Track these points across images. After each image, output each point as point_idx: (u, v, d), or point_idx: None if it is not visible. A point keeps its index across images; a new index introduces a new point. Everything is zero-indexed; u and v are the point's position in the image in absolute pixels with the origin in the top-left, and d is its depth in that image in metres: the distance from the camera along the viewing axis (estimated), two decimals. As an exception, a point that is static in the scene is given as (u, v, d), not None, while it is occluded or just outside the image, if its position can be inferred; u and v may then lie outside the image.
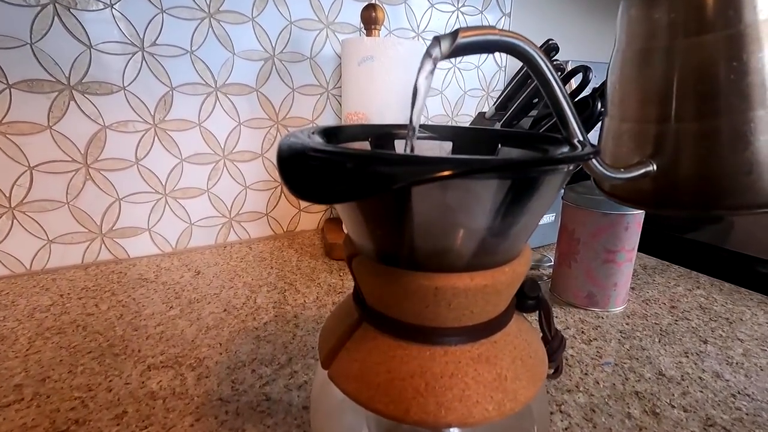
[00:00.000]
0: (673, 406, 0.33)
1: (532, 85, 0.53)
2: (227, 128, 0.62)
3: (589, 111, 0.51)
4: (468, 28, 0.20)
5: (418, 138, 0.26)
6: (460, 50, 0.20)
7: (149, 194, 0.59)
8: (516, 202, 0.16)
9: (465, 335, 0.19)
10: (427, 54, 0.20)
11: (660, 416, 0.32)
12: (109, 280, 0.53)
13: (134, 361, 0.38)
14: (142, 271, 0.56)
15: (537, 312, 0.23)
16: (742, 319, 0.46)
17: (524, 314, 0.23)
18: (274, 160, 0.67)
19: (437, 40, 0.20)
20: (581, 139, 0.23)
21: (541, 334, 0.24)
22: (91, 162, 0.55)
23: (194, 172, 0.62)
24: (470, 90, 0.82)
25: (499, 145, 0.24)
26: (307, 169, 0.14)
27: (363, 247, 0.19)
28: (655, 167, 0.31)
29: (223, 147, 0.63)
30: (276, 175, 0.68)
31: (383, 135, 0.25)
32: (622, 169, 0.30)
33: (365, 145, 0.24)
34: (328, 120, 0.69)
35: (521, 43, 0.23)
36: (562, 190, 0.61)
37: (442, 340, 0.18)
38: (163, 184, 0.60)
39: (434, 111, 0.79)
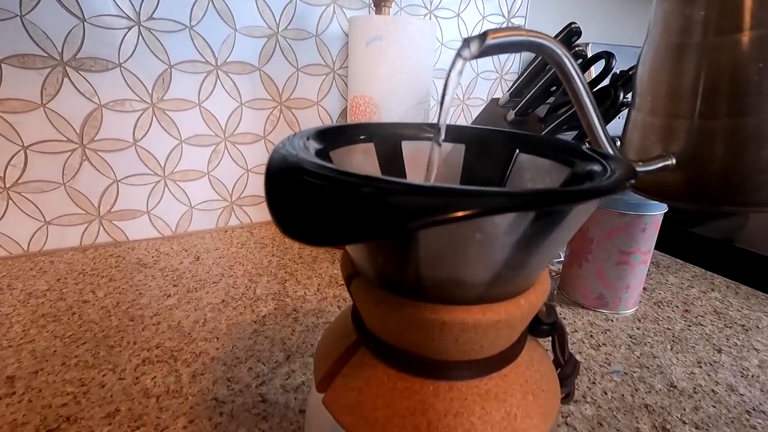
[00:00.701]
0: (685, 422, 0.32)
1: (551, 72, 0.50)
2: (228, 109, 0.60)
3: (610, 101, 0.48)
4: (497, 30, 0.19)
5: (424, 139, 0.23)
6: (489, 51, 0.19)
7: (148, 176, 0.58)
8: (540, 233, 0.14)
9: (473, 369, 0.17)
10: (457, 55, 0.19)
11: (670, 433, 0.31)
12: (107, 264, 0.52)
13: (129, 354, 0.37)
14: (141, 255, 0.55)
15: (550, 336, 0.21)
16: (758, 327, 0.44)
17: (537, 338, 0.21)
18: (277, 142, 0.64)
19: (467, 42, 0.19)
20: (610, 152, 0.21)
21: (553, 357, 0.22)
22: (87, 142, 0.53)
23: (194, 154, 0.60)
24: (483, 72, 0.78)
25: (517, 151, 0.22)
26: (301, 197, 0.12)
27: (363, 269, 0.18)
28: (673, 161, 0.31)
29: (224, 128, 0.60)
30: (279, 158, 0.65)
31: (389, 136, 0.23)
32: (641, 162, 0.29)
33: (370, 149, 0.22)
34: (333, 102, 0.66)
35: (550, 44, 0.21)
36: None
37: (448, 374, 0.17)
38: (162, 166, 0.58)
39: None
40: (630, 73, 0.50)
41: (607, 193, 0.13)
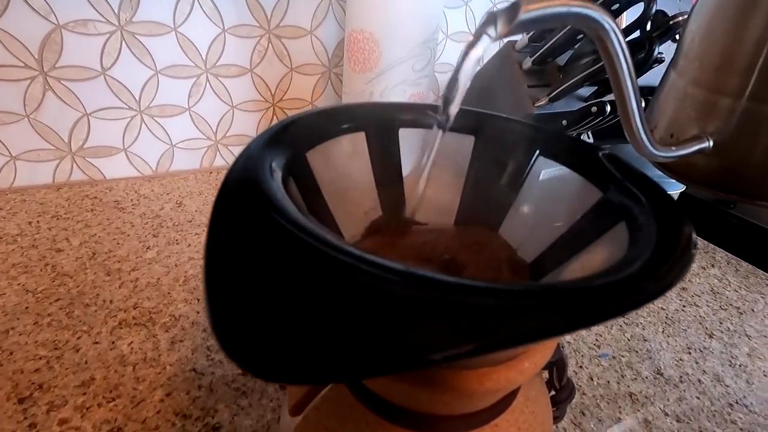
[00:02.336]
0: (667, 414, 0.32)
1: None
2: (209, 36, 0.53)
3: (644, 55, 0.42)
4: (534, 1, 0.14)
5: (427, 126, 0.19)
6: (521, 27, 0.14)
7: (121, 110, 0.52)
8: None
9: (463, 423, 0.15)
10: (479, 34, 0.15)
11: (651, 425, 0.31)
12: (83, 207, 0.49)
13: (105, 314, 0.35)
14: (119, 197, 0.52)
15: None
16: (753, 310, 0.44)
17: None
18: (265, 77, 0.58)
19: (492, 16, 0.14)
20: (649, 148, 0.17)
21: (547, 378, 0.21)
22: (48, 69, 0.47)
23: (172, 87, 0.54)
24: (501, 2, 0.69)
25: (537, 153, 0.18)
26: (258, 294, 0.09)
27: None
28: (711, 144, 0.27)
29: (204, 59, 0.54)
30: (267, 95, 0.59)
31: (384, 123, 0.19)
32: (674, 147, 0.25)
33: (359, 140, 0.18)
34: (329, 33, 0.58)
35: (599, 16, 0.16)
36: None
37: (434, 428, 0.15)
38: (137, 99, 0.52)
39: (455, 27, 0.68)
40: (670, 22, 0.43)
41: (642, 300, 0.09)
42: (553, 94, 0.47)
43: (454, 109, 0.17)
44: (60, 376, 0.30)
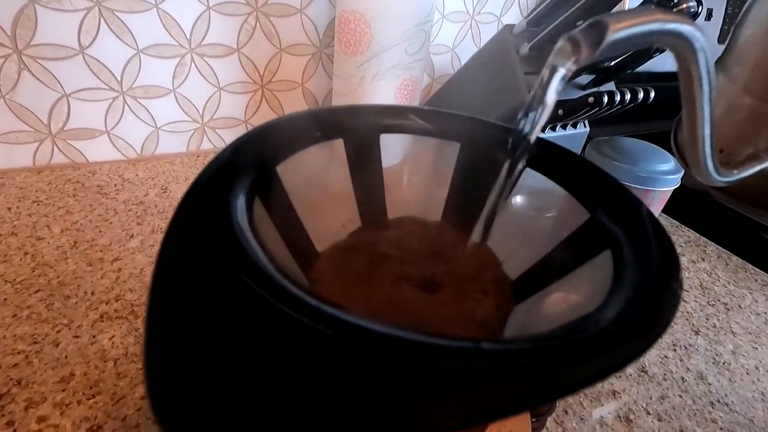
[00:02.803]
0: (649, 413, 0.32)
1: (580, 2, 0.41)
2: (193, 13, 0.50)
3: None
4: (620, 17, 0.13)
5: (410, 131, 0.18)
6: (607, 50, 0.13)
7: (102, 91, 0.50)
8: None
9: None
10: (555, 66, 0.13)
11: (633, 424, 0.31)
12: (65, 192, 0.48)
13: (86, 307, 0.35)
14: (102, 181, 0.50)
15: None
16: (741, 306, 0.44)
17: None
18: (253, 57, 0.56)
19: (573, 40, 0.13)
20: (713, 175, 0.16)
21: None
22: (23, 47, 0.45)
23: (155, 67, 0.51)
24: (501, -19, 0.66)
25: (525, 164, 0.17)
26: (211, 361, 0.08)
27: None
28: None
29: (189, 37, 0.51)
30: (255, 76, 0.57)
31: (363, 129, 0.18)
32: (735, 171, 0.22)
33: (336, 147, 0.17)
34: (320, 11, 0.56)
35: (691, 32, 0.14)
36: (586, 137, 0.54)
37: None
38: (119, 79, 0.50)
39: (452, 6, 0.65)
40: (674, 9, 0.42)
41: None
42: (550, 82, 0.46)
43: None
44: (39, 371, 0.30)
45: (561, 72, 0.13)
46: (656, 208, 0.39)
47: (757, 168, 0.23)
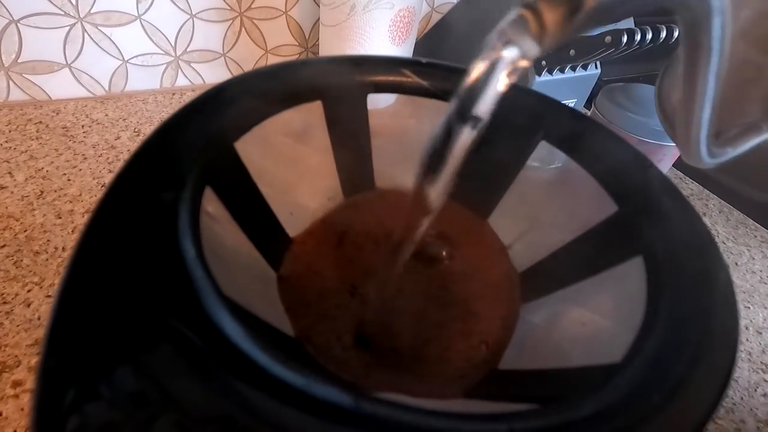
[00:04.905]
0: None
1: None
2: None
3: None
4: None
5: (406, 90, 0.15)
6: (587, 23, 0.09)
7: (56, 17, 0.44)
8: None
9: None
10: (504, 50, 0.09)
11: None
12: (26, 134, 0.44)
13: (57, 263, 0.33)
14: (68, 122, 0.46)
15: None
16: (737, 263, 0.43)
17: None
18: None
19: (533, 9, 0.08)
20: (704, 158, 0.13)
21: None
22: (-46, -39, 0.38)
23: (115, -12, 0.45)
24: None
25: (541, 136, 0.14)
26: None
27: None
28: None
29: (151, -48, 0.44)
30: (232, 1, 0.51)
31: (347, 89, 0.14)
32: (729, 148, 0.18)
33: (313, 110, 0.14)
34: None
35: None
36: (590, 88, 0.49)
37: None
38: (74, 3, 0.44)
39: None
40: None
41: None
42: (564, 17, 0.41)
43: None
44: (11, 333, 0.28)
45: (512, 61, 0.09)
46: (667, 163, 0.37)
47: (755, 141, 0.19)
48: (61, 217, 0.36)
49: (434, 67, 0.15)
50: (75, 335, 0.06)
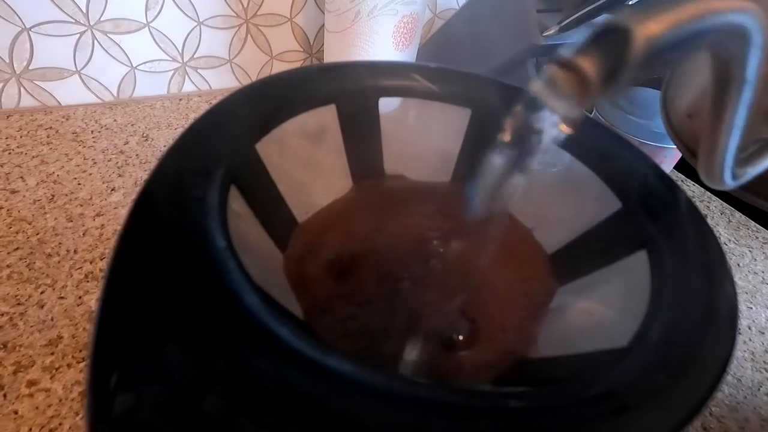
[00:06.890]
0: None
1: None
2: (163, -69, 0.44)
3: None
4: (648, 14, 0.08)
5: (416, 94, 0.16)
6: (634, 75, 0.08)
7: (67, 25, 0.45)
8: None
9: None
10: (541, 114, 0.08)
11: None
12: (37, 139, 0.44)
13: (69, 266, 0.33)
14: (78, 128, 0.47)
15: None
16: (739, 265, 0.43)
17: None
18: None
19: (571, 67, 0.07)
20: (727, 182, 0.13)
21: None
22: (-31, -29, 0.39)
23: (125, -4, 0.46)
24: None
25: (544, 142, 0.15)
26: None
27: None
28: None
29: (160, -39, 0.45)
30: (238, 9, 0.52)
31: (359, 92, 0.15)
32: (749, 168, 0.18)
33: (328, 114, 0.15)
34: (309, -70, 0.49)
35: (753, 19, 0.10)
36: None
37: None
38: (84, 11, 0.45)
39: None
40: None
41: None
42: (566, 22, 0.41)
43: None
44: (25, 334, 0.29)
45: (550, 126, 0.08)
46: (669, 165, 0.37)
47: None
48: (72, 221, 0.37)
49: (441, 71, 0.16)
50: (123, 320, 0.07)
